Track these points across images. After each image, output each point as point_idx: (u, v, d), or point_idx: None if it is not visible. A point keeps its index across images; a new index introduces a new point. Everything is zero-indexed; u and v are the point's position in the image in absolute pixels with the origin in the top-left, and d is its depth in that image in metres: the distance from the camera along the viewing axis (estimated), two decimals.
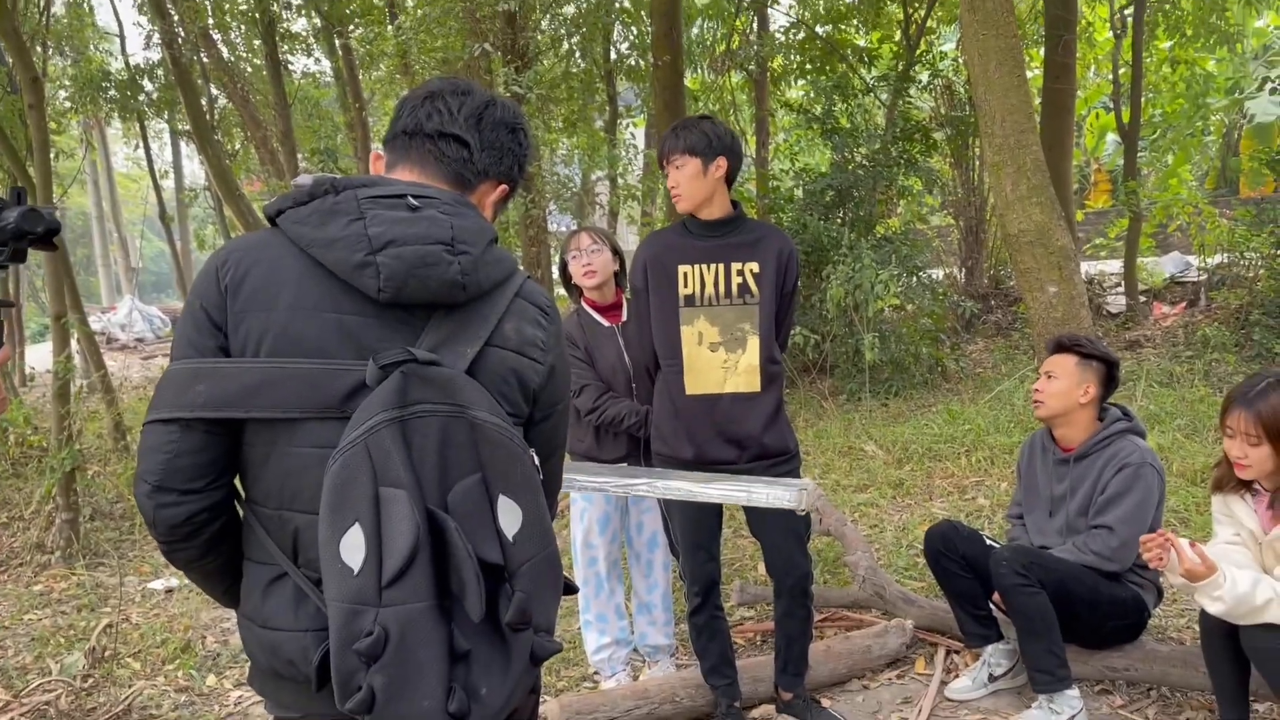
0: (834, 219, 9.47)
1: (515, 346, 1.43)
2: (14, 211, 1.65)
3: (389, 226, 1.31)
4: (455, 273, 1.34)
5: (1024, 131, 4.82)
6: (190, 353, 1.34)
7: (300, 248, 1.34)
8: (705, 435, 2.98)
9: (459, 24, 8.73)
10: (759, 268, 2.96)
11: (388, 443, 1.21)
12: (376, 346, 1.31)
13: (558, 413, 1.55)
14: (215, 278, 1.35)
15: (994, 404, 7.44)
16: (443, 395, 1.26)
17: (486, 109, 1.50)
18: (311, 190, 1.35)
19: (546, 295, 1.54)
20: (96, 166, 23.25)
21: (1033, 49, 11.86)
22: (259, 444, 1.34)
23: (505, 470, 1.28)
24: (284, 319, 1.31)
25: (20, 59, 5.87)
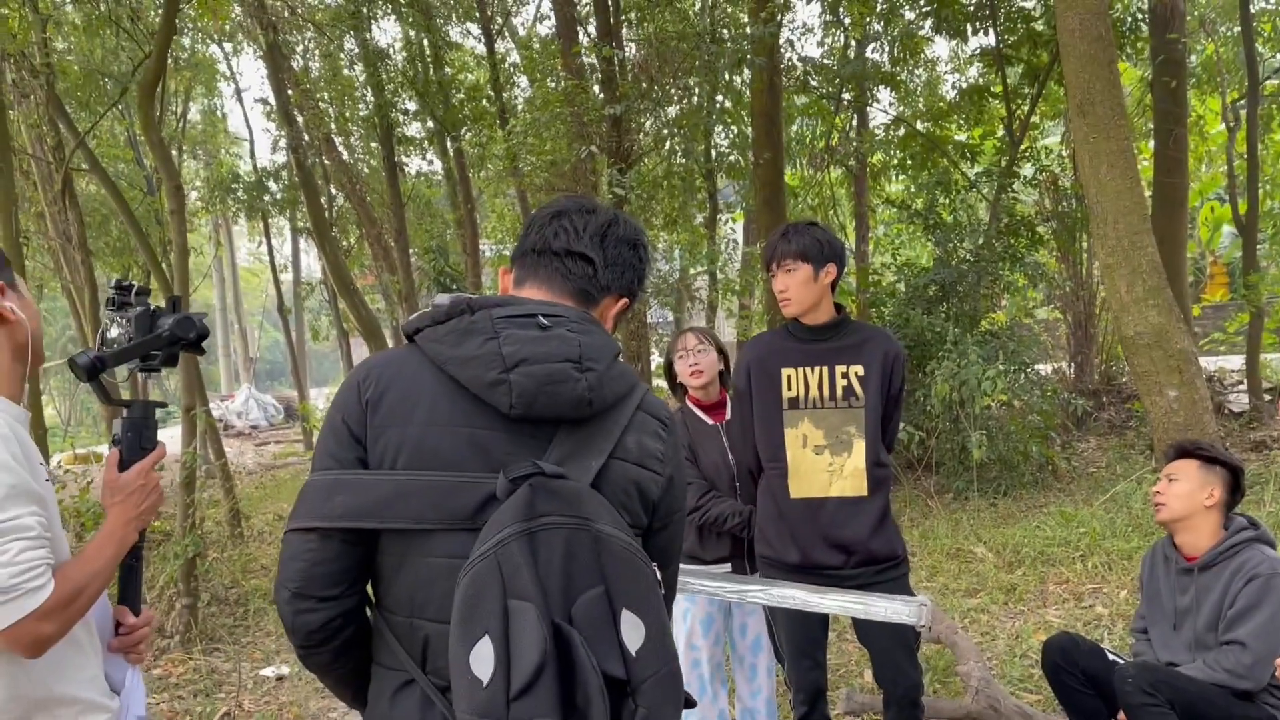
0: (937, 313, 9.37)
1: (636, 459, 1.46)
2: (169, 319, 1.78)
3: (521, 345, 1.37)
4: (583, 389, 1.39)
5: (1138, 233, 4.75)
6: (331, 464, 1.40)
7: (437, 365, 1.40)
8: (811, 540, 2.95)
9: (566, 128, 9.07)
10: (864, 370, 2.96)
11: (516, 556, 1.24)
12: (505, 460, 1.35)
13: (675, 522, 1.57)
14: (357, 392, 1.42)
15: (1110, 506, 7.15)
16: (568, 508, 1.29)
17: (610, 227, 1.56)
18: (449, 310, 1.43)
19: (666, 408, 1.58)
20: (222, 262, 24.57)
21: (1142, 142, 11.70)
22: (393, 553, 1.39)
23: (629, 584, 1.29)
24: (419, 433, 1.37)
25: (165, 167, 6.32)
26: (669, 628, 1.36)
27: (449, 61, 13.82)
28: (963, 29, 10.60)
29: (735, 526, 3.29)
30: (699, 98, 10.71)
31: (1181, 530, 3.21)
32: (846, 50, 11.74)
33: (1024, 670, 4.43)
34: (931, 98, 13.37)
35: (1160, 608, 3.29)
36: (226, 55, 16.24)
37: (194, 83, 15.63)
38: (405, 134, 14.12)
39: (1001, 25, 10.48)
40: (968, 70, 12.93)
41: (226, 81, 17.21)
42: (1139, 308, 4.74)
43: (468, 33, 14.57)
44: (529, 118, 9.94)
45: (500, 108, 12.64)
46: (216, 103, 18.56)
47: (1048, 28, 9.98)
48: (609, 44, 9.15)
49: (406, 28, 12.87)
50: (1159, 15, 9.75)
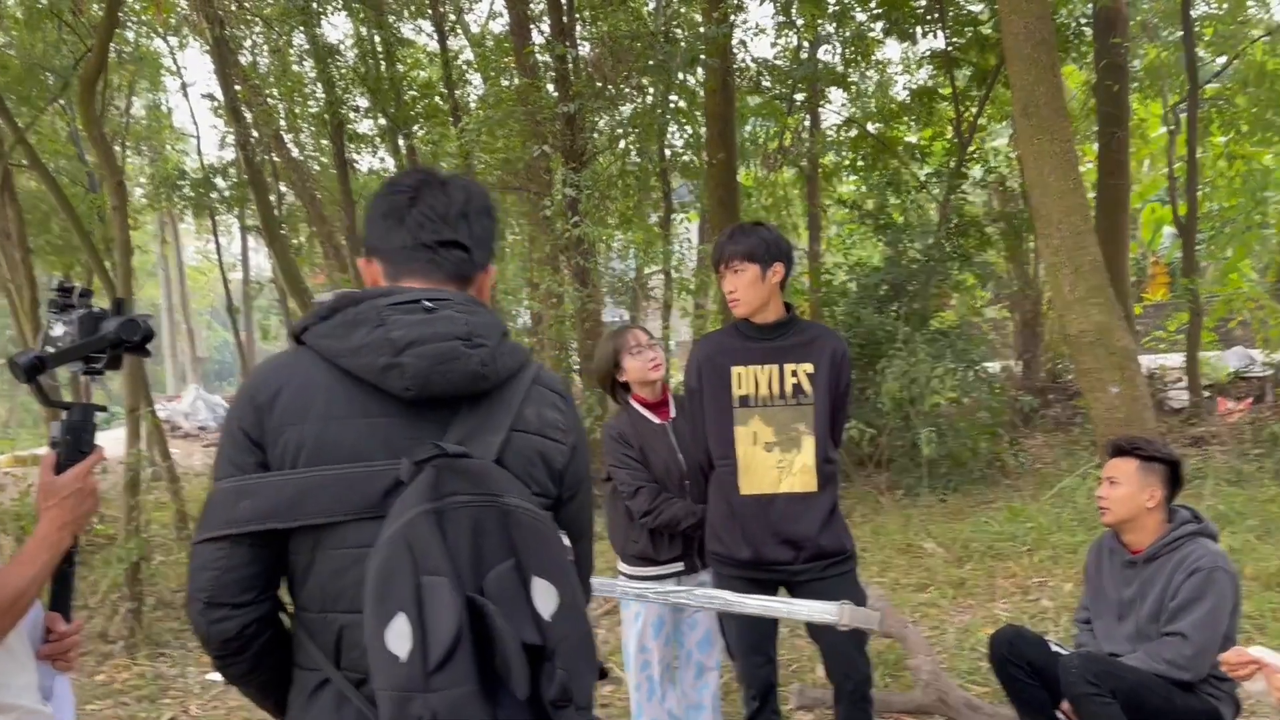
0: (888, 312, 9.49)
1: (537, 429, 1.48)
2: (114, 321, 1.75)
3: (409, 329, 1.38)
4: (475, 364, 1.40)
5: (1081, 234, 4.85)
6: (233, 471, 1.40)
7: (327, 360, 1.41)
8: (761, 536, 2.97)
9: (519, 126, 9.04)
10: (813, 368, 2.99)
11: (425, 533, 1.25)
12: (408, 445, 1.35)
13: (583, 491, 1.59)
14: (250, 398, 1.42)
15: (1056, 501, 7.29)
16: (474, 485, 1.31)
17: (469, 203, 1.55)
18: (333, 305, 1.44)
19: (560, 381, 1.61)
20: (168, 260, 24.14)
21: (1086, 145, 11.93)
22: (303, 551, 1.39)
23: (538, 553, 1.32)
24: (318, 429, 1.38)
25: (107, 163, 6.20)
26: (581, 593, 1.38)
27: (401, 58, 13.68)
28: (912, 32, 10.75)
29: (690, 528, 3.29)
30: (653, 97, 10.72)
31: (1127, 530, 3.27)
32: (799, 51, 11.83)
33: (972, 663, 4.50)
34: (882, 99, 13.53)
35: (1105, 599, 3.35)
36: (172, 49, 15.92)
37: (138, 77, 15.31)
38: (356, 131, 13.95)
39: (950, 28, 10.64)
40: (918, 72, 13.10)
41: (172, 76, 16.92)
42: (1082, 307, 4.84)
43: (420, 29, 14.44)
44: (482, 115, 9.89)
45: (453, 105, 12.55)
46: (161, 97, 18.20)
47: (995, 31, 10.14)
48: (563, 42, 9.13)
49: (358, 23, 12.72)
50: (1102, 20, 9.96)
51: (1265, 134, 11.46)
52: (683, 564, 3.36)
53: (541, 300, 10.38)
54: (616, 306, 13.13)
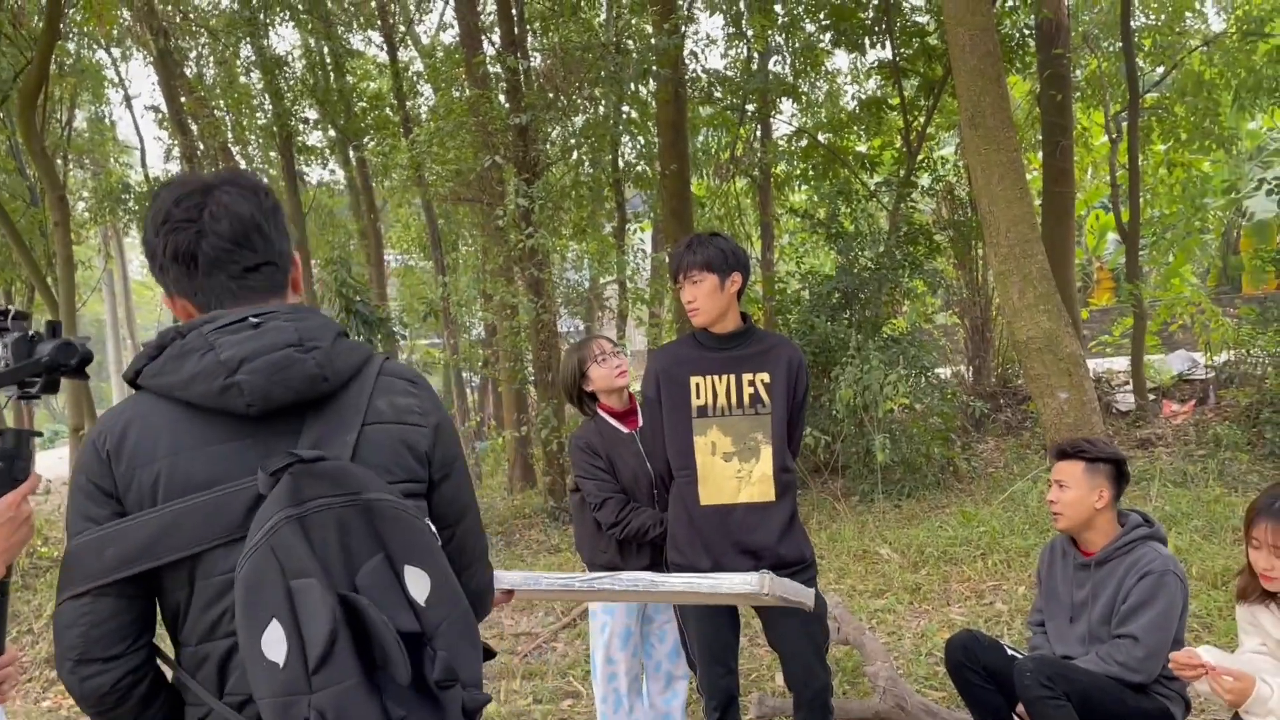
0: (841, 320, 9.57)
1: (393, 418, 1.48)
2: (49, 345, 1.70)
3: (238, 347, 1.36)
4: (312, 366, 1.39)
5: (1028, 241, 4.93)
6: (89, 526, 1.38)
7: (166, 396, 1.40)
8: (721, 546, 2.98)
9: (471, 137, 9.01)
10: (770, 378, 3.01)
11: (289, 538, 1.25)
12: (262, 461, 1.35)
13: (456, 470, 1.58)
14: (95, 449, 1.41)
15: (1008, 505, 7.39)
16: (334, 487, 1.31)
17: (259, 209, 1.50)
18: (159, 342, 1.42)
19: (410, 369, 1.60)
20: (113, 275, 23.66)
21: (1031, 153, 12.15)
22: (178, 588, 1.38)
23: (405, 542, 1.32)
24: (169, 465, 1.37)
25: (48, 177, 6.07)
26: (452, 575, 1.38)
27: (350, 69, 13.60)
28: (861, 42, 10.88)
29: (658, 537, 3.28)
30: (605, 108, 10.73)
31: (1079, 531, 3.32)
32: (750, 62, 11.93)
33: (929, 668, 4.54)
34: (832, 109, 13.67)
35: (1058, 601, 3.40)
36: (115, 61, 15.68)
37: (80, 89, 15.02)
38: (305, 143, 13.83)
39: (898, 39, 10.79)
40: (866, 83, 13.27)
41: (115, 88, 16.61)
42: (1030, 313, 4.92)
43: (369, 40, 14.37)
44: (433, 127, 9.85)
45: (404, 116, 12.49)
46: (104, 110, 17.87)
47: (941, 42, 10.31)
48: (514, 53, 9.11)
49: (305, 35, 12.62)
50: (1045, 31, 10.15)
51: (1203, 142, 11.75)
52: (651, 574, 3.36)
53: (496, 312, 10.34)
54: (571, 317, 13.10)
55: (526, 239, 8.41)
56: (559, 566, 7.38)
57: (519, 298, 8.80)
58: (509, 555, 8.13)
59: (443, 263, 13.48)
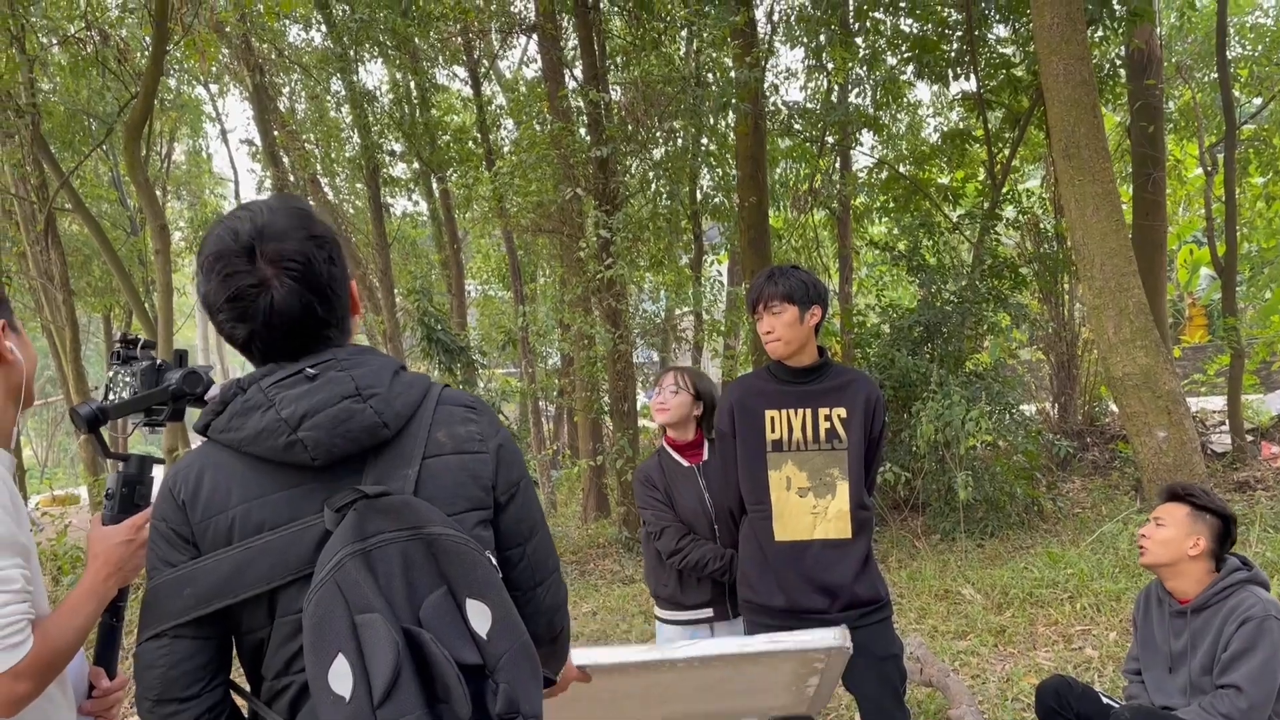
0: (922, 354, 9.41)
1: (452, 449, 1.50)
2: (176, 373, 1.76)
3: (297, 403, 1.40)
4: (371, 415, 1.42)
5: (1124, 275, 4.79)
6: (166, 569, 1.43)
7: (235, 449, 1.43)
8: (795, 583, 2.92)
9: (552, 169, 9.13)
10: (846, 413, 2.96)
11: (354, 574, 1.28)
12: (328, 500, 1.38)
13: (521, 490, 1.59)
14: (171, 497, 1.45)
15: (1096, 547, 7.14)
16: (397, 521, 1.34)
17: (319, 294, 1.47)
18: (223, 397, 1.45)
19: (468, 395, 1.61)
20: None
21: (1121, 185, 11.85)
22: (255, 627, 1.42)
23: (467, 575, 1.34)
24: (243, 512, 1.41)
25: (150, 207, 6.31)
26: (514, 608, 1.39)
27: (436, 103, 13.92)
28: (944, 74, 10.76)
29: (716, 571, 3.24)
30: (684, 140, 10.80)
31: (1168, 576, 3.19)
32: (830, 94, 11.89)
33: (1016, 713, 4.39)
34: (914, 141, 13.54)
35: (1155, 650, 3.26)
36: (212, 96, 16.32)
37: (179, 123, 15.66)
38: (391, 175, 14.18)
39: (982, 71, 10.65)
40: (949, 114, 13.11)
41: (212, 122, 17.27)
42: (1127, 349, 4.76)
43: (454, 75, 14.70)
44: (515, 159, 10.01)
45: (486, 149, 12.72)
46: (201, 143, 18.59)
47: (1028, 74, 10.15)
48: (595, 87, 9.23)
49: (393, 70, 12.97)
50: (1136, 62, 9.94)
51: None
52: (712, 610, 3.31)
53: (573, 342, 10.41)
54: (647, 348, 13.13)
55: (605, 270, 8.47)
56: (633, 597, 7.35)
57: (596, 328, 8.85)
58: (583, 585, 8.13)
59: (522, 292, 13.65)
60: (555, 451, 15.12)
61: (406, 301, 14.59)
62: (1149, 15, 9.55)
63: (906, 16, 10.69)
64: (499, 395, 10.45)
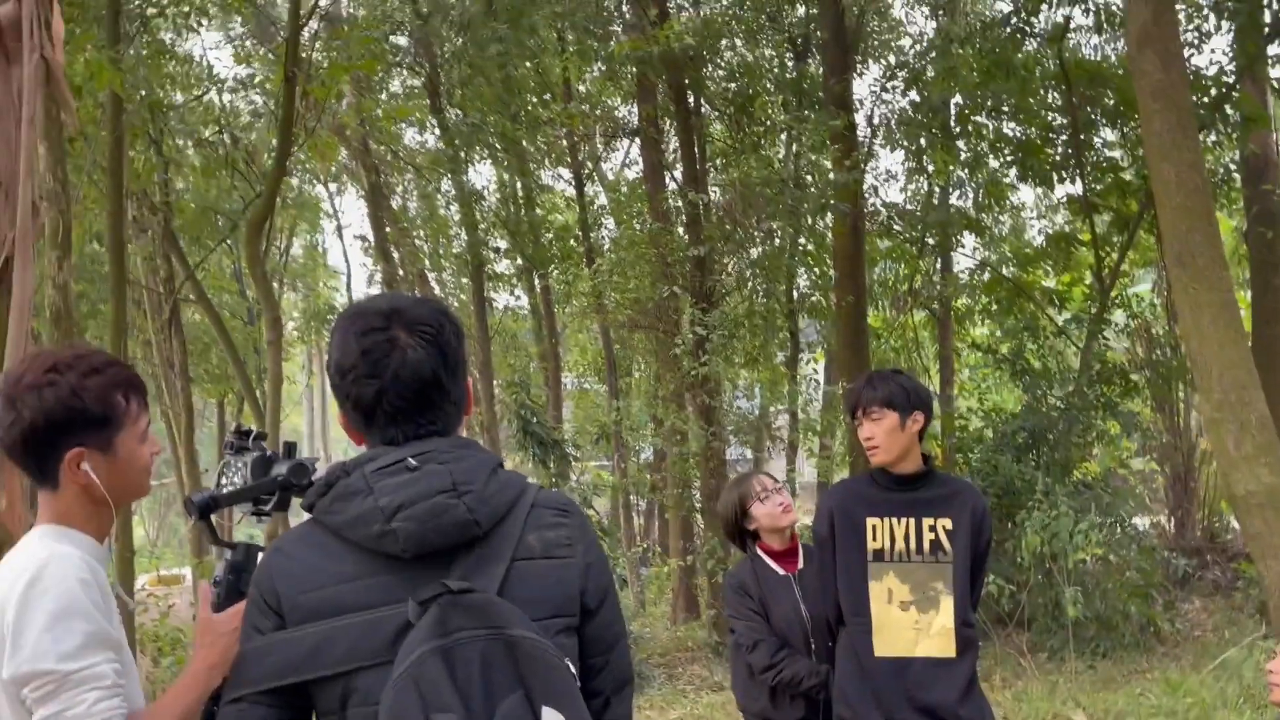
0: (1027, 461, 9.11)
1: (542, 554, 1.49)
2: (284, 465, 1.82)
3: (395, 494, 1.40)
4: (463, 513, 1.41)
5: (1245, 387, 4.56)
6: (255, 634, 1.46)
7: (333, 531, 1.46)
8: (896, 702, 2.79)
9: (650, 267, 9.28)
10: (952, 524, 2.85)
11: (433, 672, 1.27)
12: (414, 591, 1.38)
13: (610, 597, 1.59)
14: (269, 571, 1.48)
15: (1219, 674, 6.68)
16: (480, 620, 1.33)
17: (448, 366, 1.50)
18: (328, 479, 1.48)
19: (562, 497, 1.62)
20: (313, 390, 25.34)
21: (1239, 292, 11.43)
22: (329, 711, 1.42)
23: (545, 681, 1.33)
24: (333, 593, 1.42)
25: (267, 299, 6.61)
26: (588, 716, 1.37)
27: (540, 203, 14.35)
28: (1048, 178, 10.63)
29: (812, 688, 3.11)
30: (781, 240, 10.87)
31: None
32: (930, 196, 11.85)
33: None
34: (1017, 243, 13.34)
35: None
36: (331, 195, 17.13)
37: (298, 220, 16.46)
38: (495, 270, 14.57)
39: (1089, 174, 10.49)
40: (1054, 217, 12.92)
41: (329, 219, 18.09)
42: (1249, 465, 4.50)
43: (559, 176, 15.16)
44: (615, 257, 10.21)
45: (587, 247, 13.00)
46: (318, 238, 19.46)
47: (1136, 177, 9.96)
48: (694, 189, 9.41)
49: (501, 171, 13.46)
50: (1253, 167, 9.67)
51: None
52: None
53: (665, 437, 10.40)
54: (740, 446, 13.02)
55: (700, 366, 8.49)
56: (721, 705, 7.14)
57: (689, 424, 8.84)
58: (670, 690, 7.94)
59: (616, 387, 13.75)
60: (645, 549, 15.00)
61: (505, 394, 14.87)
62: (1264, 121, 9.32)
63: (1009, 120, 10.65)
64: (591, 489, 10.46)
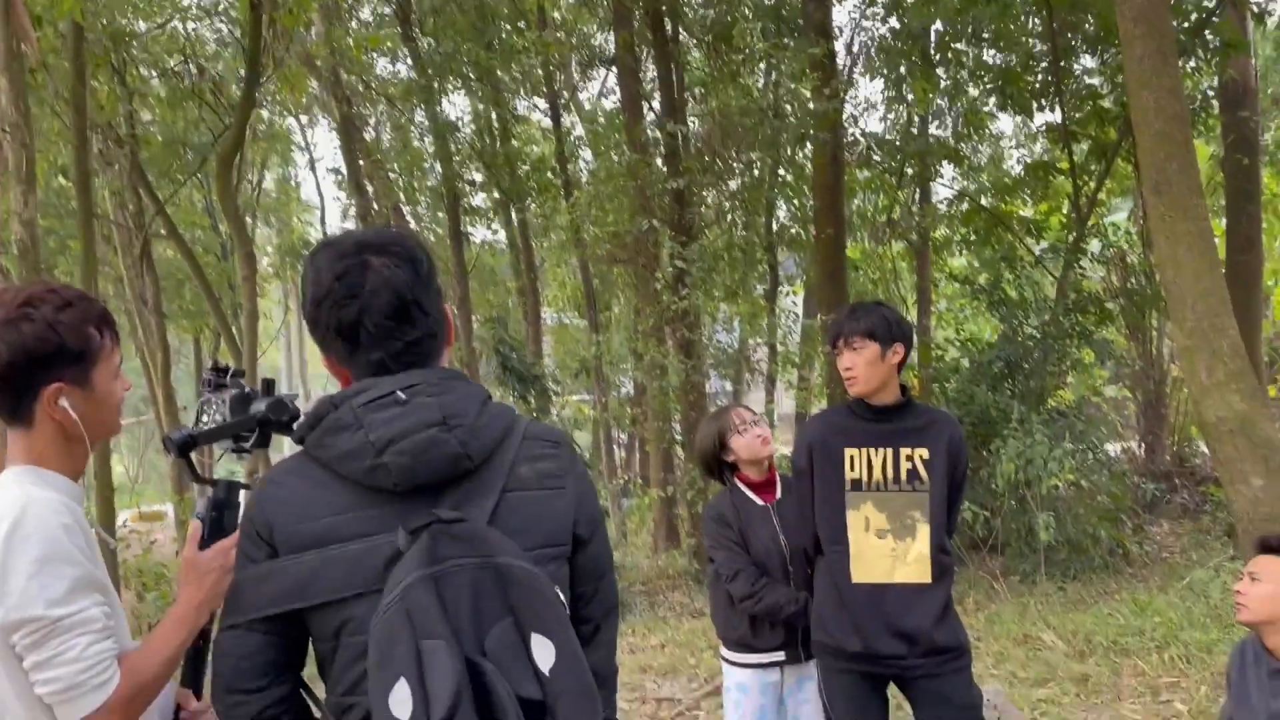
0: (1002, 391, 9.20)
1: (534, 484, 1.51)
2: (263, 401, 1.81)
3: (385, 427, 1.41)
4: (455, 446, 1.43)
5: (1218, 316, 4.60)
6: (249, 564, 1.47)
7: (323, 465, 1.46)
8: (873, 627, 2.86)
9: (629, 200, 9.20)
10: (929, 454, 2.89)
11: (423, 599, 1.29)
12: (404, 521, 1.39)
13: (600, 526, 1.62)
14: (261, 504, 1.49)
15: (1186, 595, 6.86)
16: (469, 548, 1.35)
17: (416, 282, 1.50)
18: (316, 412, 1.48)
19: (553, 429, 1.63)
20: (289, 326, 25.15)
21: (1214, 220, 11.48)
22: (326, 637, 1.44)
23: (534, 609, 1.35)
24: (325, 525, 1.43)
25: (239, 234, 6.53)
26: (579, 646, 1.39)
27: (516, 134, 14.16)
28: (1028, 106, 10.57)
29: (792, 616, 3.17)
30: (761, 172, 10.79)
31: (1268, 633, 3.04)
32: (909, 126, 11.77)
33: None
34: (996, 173, 13.32)
35: (1251, 711, 3.10)
36: (302, 127, 16.85)
37: (270, 153, 16.18)
38: (471, 204, 14.43)
39: (1068, 102, 10.43)
40: (1033, 146, 12.88)
41: (301, 152, 17.81)
42: (1220, 392, 4.57)
43: (535, 106, 14.94)
44: (593, 190, 10.11)
45: (565, 180, 12.88)
46: (290, 172, 19.17)
47: (1115, 105, 9.92)
48: (673, 119, 9.29)
49: (475, 101, 13.24)
50: (1230, 93, 9.65)
51: None
52: (784, 653, 3.25)
53: (646, 371, 10.43)
54: (720, 379, 13.08)
55: (679, 300, 8.48)
56: (702, 632, 7.29)
57: (669, 358, 8.85)
58: (652, 617, 8.08)
59: (596, 321, 13.74)
60: (626, 481, 15.13)
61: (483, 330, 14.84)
62: (1243, 46, 9.27)
63: (990, 48, 10.54)
64: (572, 423, 10.51)
